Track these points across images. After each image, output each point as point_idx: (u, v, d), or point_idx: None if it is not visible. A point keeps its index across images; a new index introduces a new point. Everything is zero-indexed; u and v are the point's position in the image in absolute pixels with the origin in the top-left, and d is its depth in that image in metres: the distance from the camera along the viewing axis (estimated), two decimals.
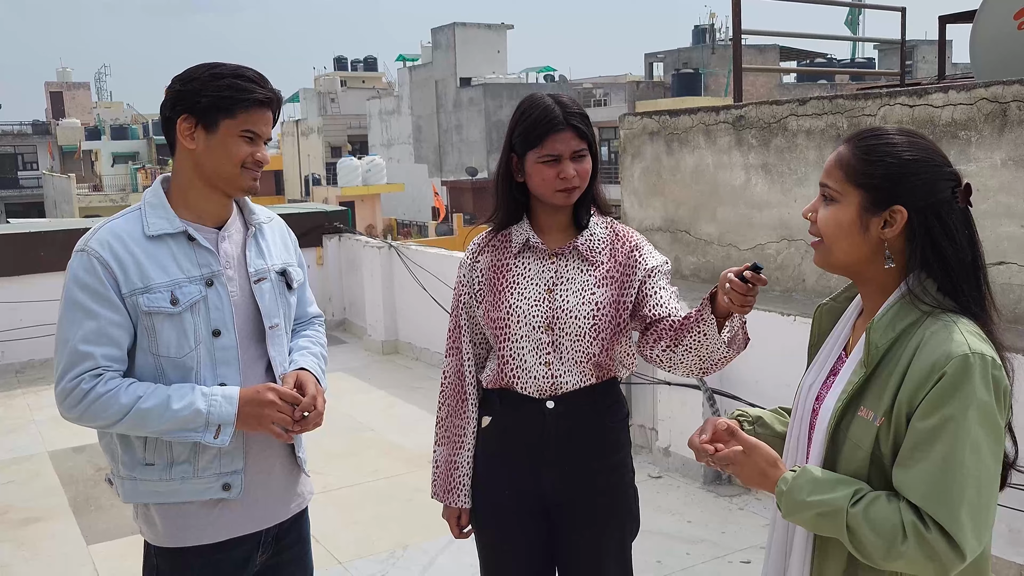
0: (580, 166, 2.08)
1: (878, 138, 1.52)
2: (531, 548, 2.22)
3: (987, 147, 4.03)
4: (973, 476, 1.38)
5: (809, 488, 1.47)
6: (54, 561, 4.07)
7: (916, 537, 1.37)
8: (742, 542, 4.05)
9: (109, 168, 49.13)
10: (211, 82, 1.91)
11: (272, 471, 2.09)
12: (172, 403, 1.87)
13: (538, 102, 2.09)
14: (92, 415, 1.87)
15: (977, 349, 1.40)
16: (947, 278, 1.48)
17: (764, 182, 5.22)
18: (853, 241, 1.52)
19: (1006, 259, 3.97)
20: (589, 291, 2.12)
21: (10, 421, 6.29)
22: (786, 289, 5.05)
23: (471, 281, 2.23)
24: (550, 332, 2.11)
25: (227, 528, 2.02)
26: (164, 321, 1.91)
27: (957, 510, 1.37)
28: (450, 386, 2.28)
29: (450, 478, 2.25)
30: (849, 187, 1.52)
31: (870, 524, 1.40)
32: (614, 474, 2.21)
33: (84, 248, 1.92)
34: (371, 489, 4.86)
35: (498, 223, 2.22)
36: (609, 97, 39.52)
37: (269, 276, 2.08)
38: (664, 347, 2.05)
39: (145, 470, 1.95)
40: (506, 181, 2.16)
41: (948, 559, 1.37)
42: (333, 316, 8.91)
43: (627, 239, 2.20)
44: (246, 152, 1.95)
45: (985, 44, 5.07)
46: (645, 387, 5.02)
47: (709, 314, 1.91)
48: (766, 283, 1.75)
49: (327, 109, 51.71)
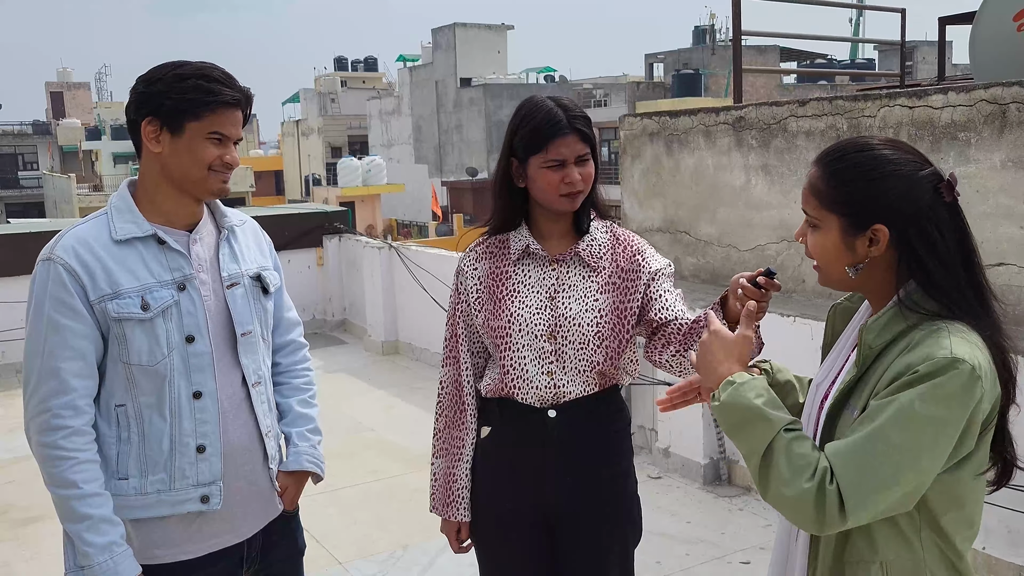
0: (584, 170, 2.04)
1: (843, 160, 1.51)
2: (533, 560, 2.18)
3: (986, 148, 4.03)
4: (893, 455, 1.38)
5: (763, 396, 1.50)
6: (55, 560, 4.05)
7: (819, 483, 1.40)
8: (741, 543, 4.05)
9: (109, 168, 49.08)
10: (175, 84, 1.84)
11: (252, 479, 2.02)
12: (85, 531, 1.81)
13: (540, 105, 2.04)
14: (42, 457, 1.85)
15: (959, 354, 1.39)
16: (933, 289, 1.47)
17: (764, 183, 5.22)
18: (843, 262, 1.52)
19: (1006, 260, 3.98)
20: (592, 298, 2.07)
21: (10, 421, 6.29)
22: (786, 290, 5.05)
23: (468, 289, 2.16)
24: (553, 341, 2.06)
25: (207, 542, 1.95)
26: (135, 328, 1.84)
27: (862, 476, 1.38)
28: (448, 396, 2.21)
29: (449, 491, 2.19)
30: (826, 213, 1.52)
31: (788, 453, 1.43)
32: (617, 483, 2.17)
33: (50, 256, 1.85)
34: (371, 489, 4.87)
35: (495, 228, 2.16)
36: (609, 98, 39.49)
37: (242, 281, 2.01)
38: (673, 352, 2.02)
39: (119, 485, 1.88)
40: (505, 186, 2.10)
41: (831, 516, 1.39)
42: (333, 316, 8.91)
43: (629, 243, 2.16)
44: (214, 155, 1.88)
45: (984, 45, 5.08)
46: (645, 388, 5.03)
47: (721, 319, 1.88)
48: (780, 289, 1.74)
49: (327, 109, 51.71)
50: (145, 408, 1.89)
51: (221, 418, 1.94)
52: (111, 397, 1.89)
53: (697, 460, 4.73)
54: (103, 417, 1.90)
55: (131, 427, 1.89)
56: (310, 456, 2.16)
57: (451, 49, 41.22)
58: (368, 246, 8.16)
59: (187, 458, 1.90)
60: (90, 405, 1.87)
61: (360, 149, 45.51)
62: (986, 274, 1.54)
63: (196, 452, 1.91)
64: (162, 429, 1.89)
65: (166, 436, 1.89)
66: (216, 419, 1.93)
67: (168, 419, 1.89)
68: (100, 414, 1.90)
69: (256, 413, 2.02)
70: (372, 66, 60.98)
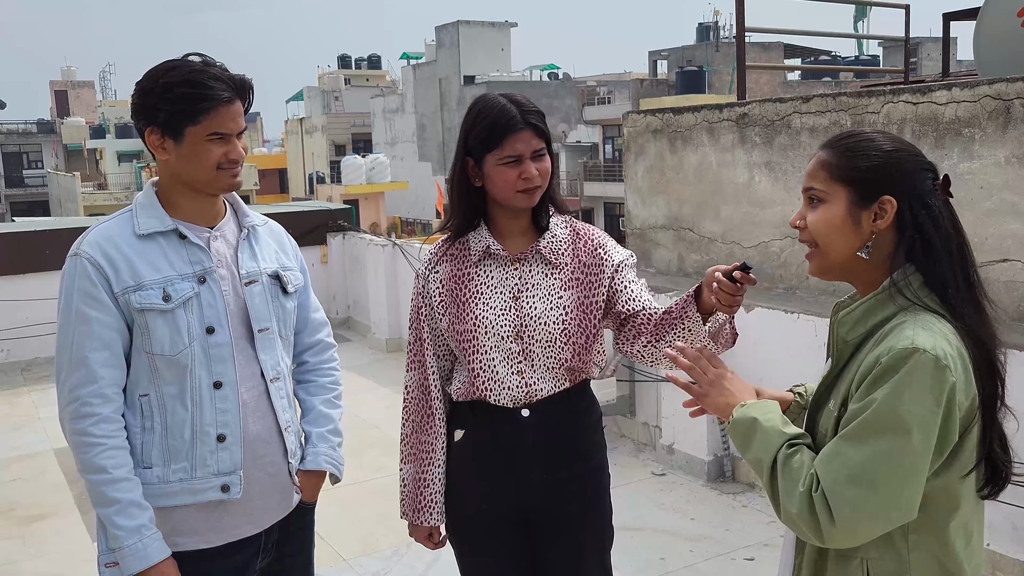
0: (541, 165, 2.02)
1: (856, 136, 1.56)
2: (512, 559, 2.18)
3: (991, 145, 4.02)
4: (868, 457, 1.38)
5: (766, 415, 1.55)
6: (60, 557, 4.09)
7: (808, 489, 1.42)
8: (745, 539, 4.05)
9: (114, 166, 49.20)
10: (164, 95, 1.87)
11: (272, 472, 2.05)
12: (115, 514, 1.87)
13: (492, 103, 2.02)
14: (74, 444, 1.90)
15: (921, 344, 1.39)
16: (934, 269, 1.47)
17: (768, 180, 5.22)
18: (846, 238, 1.53)
19: (1010, 256, 3.97)
20: (556, 295, 2.06)
21: (16, 418, 6.32)
22: (789, 287, 5.05)
23: (431, 293, 2.14)
24: (519, 341, 2.05)
25: (227, 532, 1.99)
26: (157, 318, 1.90)
27: (841, 483, 1.40)
28: (414, 401, 2.18)
29: (420, 496, 2.17)
30: (835, 185, 1.53)
31: (786, 468, 1.47)
32: (593, 477, 2.17)
33: (77, 252, 1.92)
34: (375, 487, 4.88)
35: (454, 230, 2.13)
36: (613, 95, 39.48)
37: (260, 279, 2.05)
38: (644, 343, 2.02)
39: (143, 473, 1.92)
40: (462, 186, 2.08)
41: (825, 523, 1.40)
42: (337, 314, 8.92)
43: (589, 237, 2.14)
44: (218, 154, 1.91)
45: (989, 41, 5.06)
46: (649, 385, 5.03)
47: (695, 311, 1.89)
48: (755, 283, 1.74)
49: (331, 107, 51.77)
50: (168, 398, 1.94)
51: (241, 409, 1.98)
52: (136, 387, 1.95)
53: (701, 457, 4.73)
54: (128, 407, 1.95)
55: (154, 416, 1.94)
56: (328, 457, 2.19)
57: (455, 47, 41.23)
58: (372, 244, 8.17)
59: (208, 447, 1.95)
60: (118, 394, 1.92)
61: (364, 147, 45.56)
62: (979, 273, 1.54)
63: (217, 441, 1.96)
64: (184, 418, 1.94)
65: (187, 425, 1.94)
66: (236, 409, 1.98)
67: (189, 408, 1.94)
68: (125, 404, 1.95)
69: (275, 408, 2.05)
70: (376, 64, 61.03)
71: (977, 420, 1.44)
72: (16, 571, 4.03)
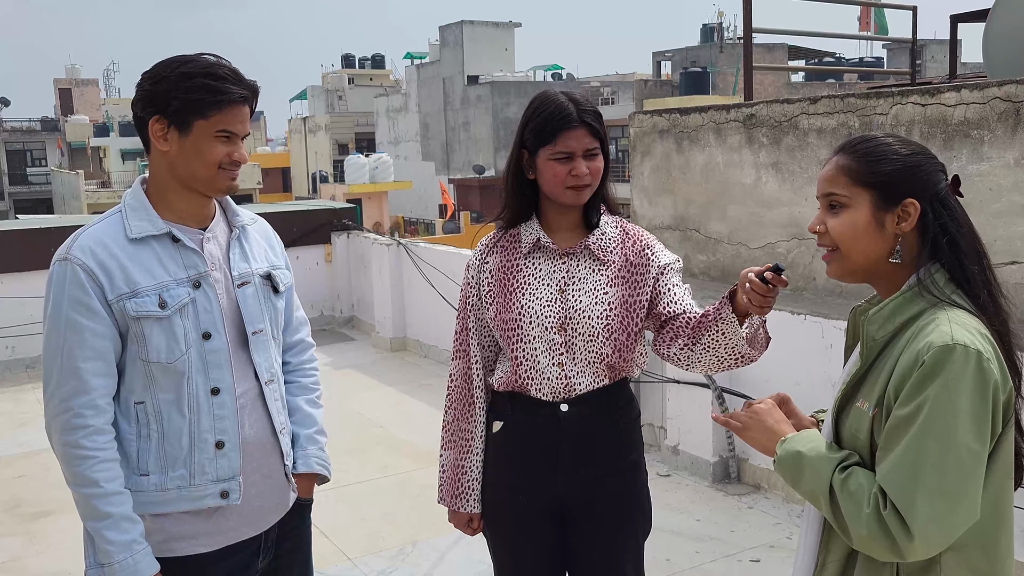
0: (592, 164, 2.05)
1: (873, 141, 1.57)
2: (546, 552, 2.19)
3: (1000, 146, 4.01)
4: (935, 463, 1.38)
5: (807, 444, 1.55)
6: (65, 554, 4.09)
7: (875, 509, 1.41)
8: (751, 540, 4.04)
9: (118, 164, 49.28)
10: (181, 83, 1.82)
11: (269, 474, 2.03)
12: (106, 529, 1.82)
13: (551, 98, 2.06)
14: (63, 455, 1.85)
15: (960, 340, 1.40)
16: (959, 264, 1.50)
17: (775, 180, 5.21)
18: (871, 242, 1.54)
19: (1019, 258, 3.96)
20: (602, 291, 2.09)
21: (21, 415, 6.32)
22: (796, 288, 5.04)
23: (480, 282, 2.18)
24: (563, 333, 2.08)
25: (225, 535, 1.96)
26: (153, 325, 1.85)
27: (912, 493, 1.39)
28: (457, 389, 2.23)
29: (458, 483, 2.21)
30: (858, 189, 1.54)
31: (845, 492, 1.46)
32: (629, 474, 2.19)
33: (67, 257, 1.84)
34: (380, 485, 4.87)
35: (507, 221, 2.18)
36: (617, 95, 39.48)
37: (253, 280, 2.01)
38: (681, 345, 2.03)
39: (139, 481, 1.88)
40: (516, 178, 2.12)
41: (901, 539, 1.39)
42: (341, 313, 8.91)
43: (638, 238, 2.17)
44: (222, 153, 1.88)
45: (998, 43, 5.05)
46: (654, 385, 5.02)
47: (729, 313, 1.89)
48: (787, 284, 1.74)
49: (334, 106, 51.81)
50: (164, 405, 1.89)
51: (238, 414, 1.95)
52: (130, 394, 1.90)
53: (706, 458, 4.72)
54: (123, 415, 1.91)
55: (151, 424, 1.90)
56: (319, 459, 2.18)
57: (458, 46, 41.23)
58: (376, 243, 8.16)
59: (206, 454, 1.91)
60: (110, 404, 1.88)
61: (367, 146, 45.58)
62: (995, 271, 1.57)
63: (215, 448, 1.92)
64: (181, 426, 1.90)
65: (185, 432, 1.90)
66: (234, 415, 1.94)
67: (187, 415, 1.90)
68: (120, 412, 1.91)
69: (270, 410, 2.03)
70: (379, 63, 61.05)
71: (1012, 415, 1.47)
72: (21, 567, 4.03)
